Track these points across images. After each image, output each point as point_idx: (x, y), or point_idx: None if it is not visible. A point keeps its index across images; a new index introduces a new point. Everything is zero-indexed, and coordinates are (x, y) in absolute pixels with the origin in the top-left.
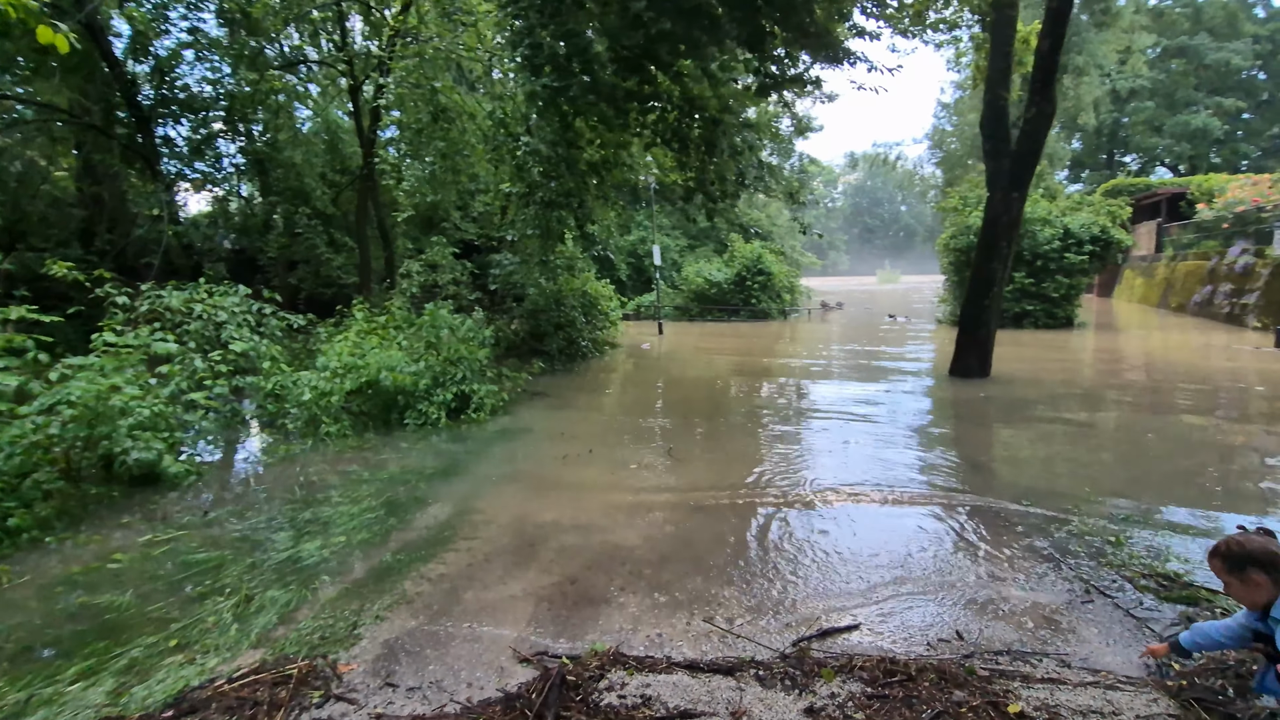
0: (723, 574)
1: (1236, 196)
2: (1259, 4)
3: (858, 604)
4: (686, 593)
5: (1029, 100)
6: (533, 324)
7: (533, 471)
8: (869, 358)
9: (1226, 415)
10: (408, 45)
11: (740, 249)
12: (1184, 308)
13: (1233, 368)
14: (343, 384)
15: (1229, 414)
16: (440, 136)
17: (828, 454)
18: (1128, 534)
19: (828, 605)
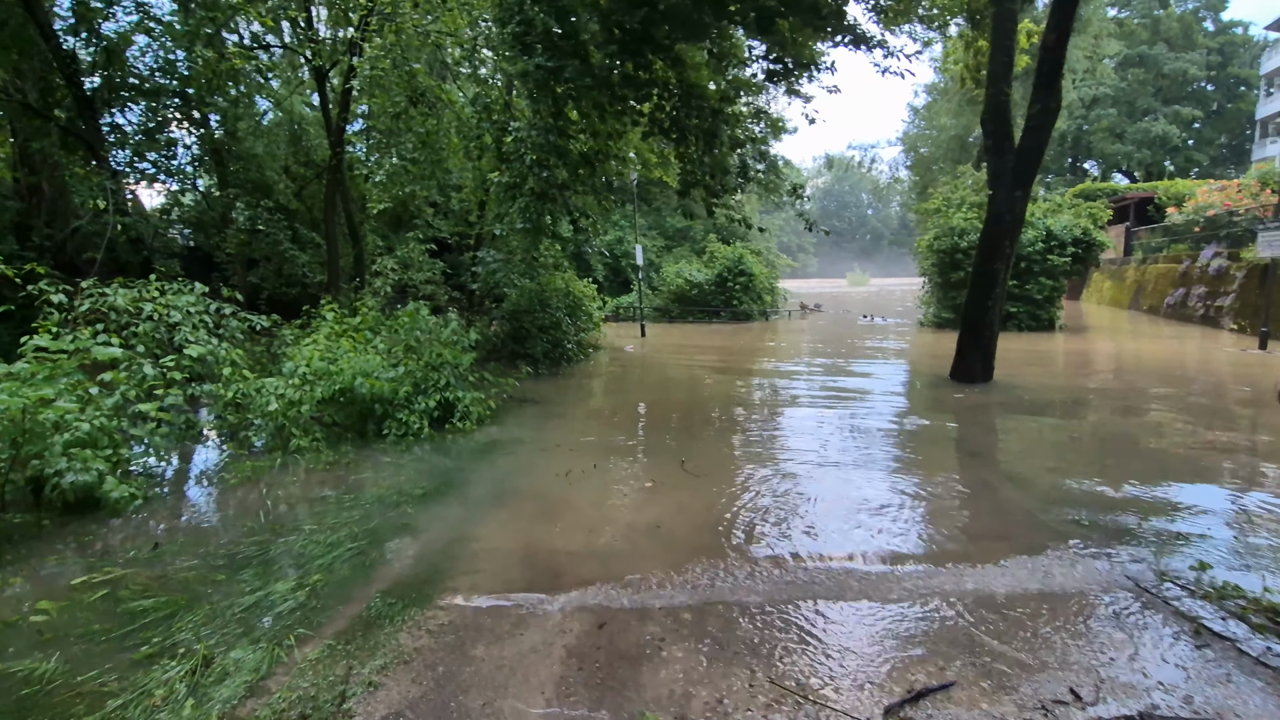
0: (775, 615)
1: (1206, 201)
2: (1208, 18)
3: (946, 651)
4: (738, 641)
5: (1033, 96)
6: (514, 326)
7: (533, 490)
8: (863, 360)
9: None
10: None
11: (721, 250)
12: (1157, 310)
13: (1234, 370)
14: (313, 392)
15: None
16: (420, 122)
17: (865, 483)
18: (1203, 556)
19: (908, 655)
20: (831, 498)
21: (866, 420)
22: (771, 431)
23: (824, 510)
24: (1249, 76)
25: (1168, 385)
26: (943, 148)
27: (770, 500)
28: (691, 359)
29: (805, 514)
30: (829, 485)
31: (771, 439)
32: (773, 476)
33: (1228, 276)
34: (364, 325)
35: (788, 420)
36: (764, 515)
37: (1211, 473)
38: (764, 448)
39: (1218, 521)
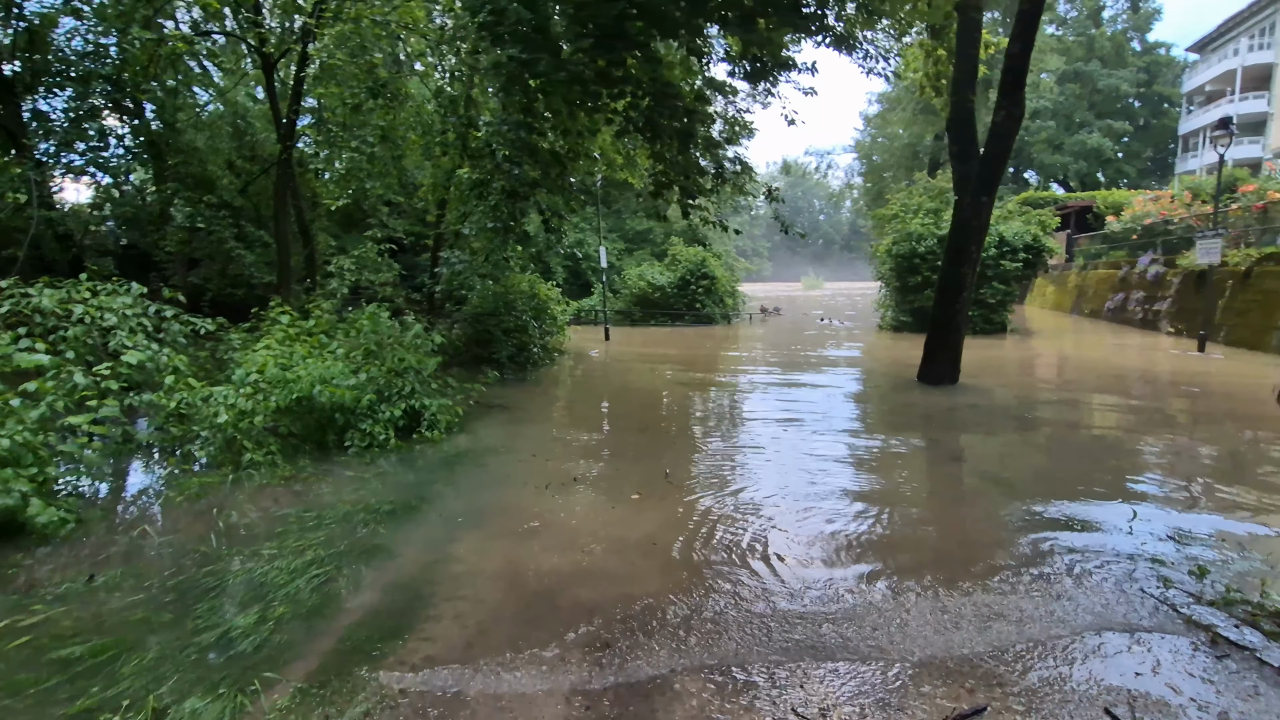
0: (784, 636)
1: (1142, 210)
2: (1135, 39)
3: (970, 670)
4: (754, 667)
5: (998, 104)
6: (476, 329)
7: (513, 504)
8: (830, 364)
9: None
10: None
11: (684, 253)
12: (1097, 314)
13: (1181, 372)
14: (268, 401)
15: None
16: (380, 115)
17: (856, 494)
18: (1199, 556)
19: (932, 672)
20: (825, 514)
21: (846, 425)
22: (751, 440)
23: (821, 529)
24: (1172, 94)
25: (1126, 387)
26: (896, 155)
27: (764, 514)
28: (659, 363)
29: (803, 533)
30: (821, 500)
31: (752, 447)
32: (760, 487)
33: (1165, 282)
34: (319, 329)
35: (766, 428)
36: (758, 529)
37: (1188, 471)
38: (746, 456)
39: (1202, 523)
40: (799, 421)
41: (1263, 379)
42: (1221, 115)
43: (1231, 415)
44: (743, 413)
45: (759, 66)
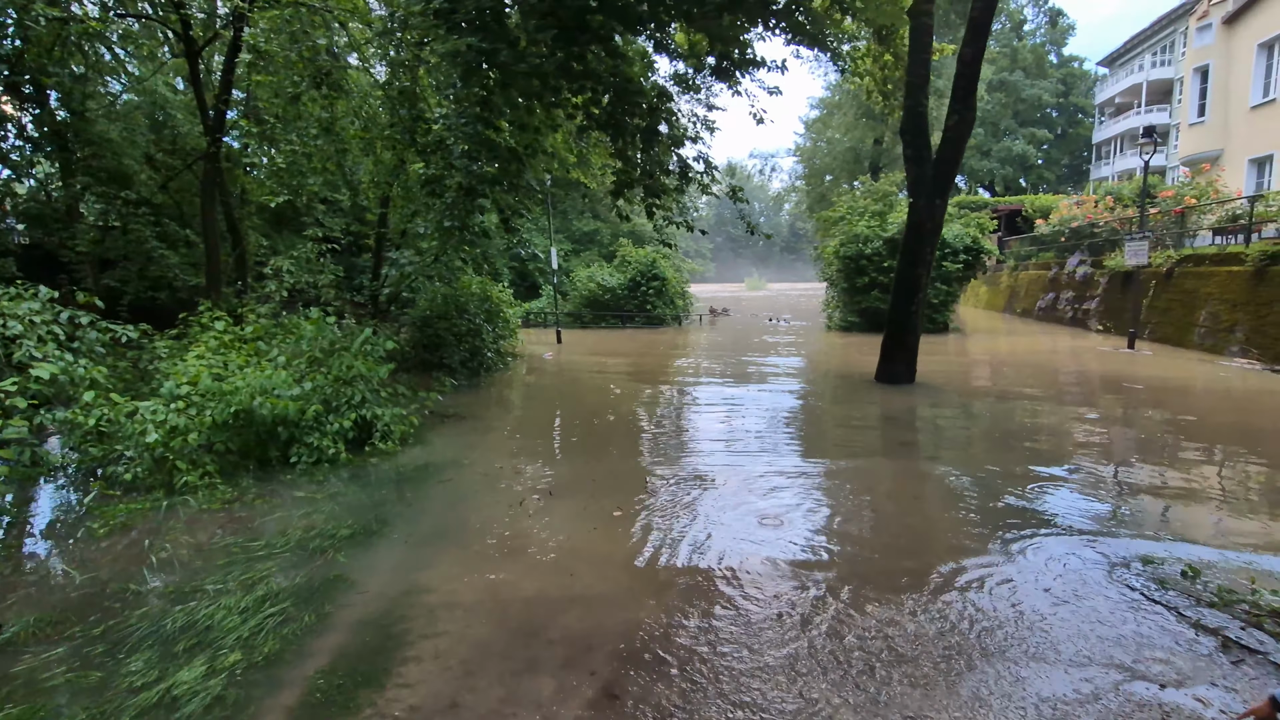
0: (807, 664)
1: (1069, 214)
2: (1052, 52)
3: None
4: (782, 710)
5: (950, 108)
6: (425, 333)
7: (485, 524)
8: (787, 365)
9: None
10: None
11: (634, 253)
12: (1029, 312)
13: (1117, 369)
14: (202, 416)
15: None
16: (323, 105)
17: (844, 497)
18: (1188, 557)
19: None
20: (817, 521)
21: (816, 428)
22: (726, 445)
23: (814, 536)
24: (1086, 105)
25: (1073, 384)
26: (838, 159)
27: (751, 523)
28: (614, 367)
29: (797, 543)
30: (805, 505)
31: (727, 454)
32: (743, 496)
33: (1093, 282)
34: (257, 335)
35: (738, 432)
36: (745, 540)
37: (1163, 463)
38: (723, 463)
39: (1185, 515)
40: (771, 426)
41: (1192, 375)
42: (1129, 126)
43: (1180, 410)
44: (711, 417)
45: (725, 65)
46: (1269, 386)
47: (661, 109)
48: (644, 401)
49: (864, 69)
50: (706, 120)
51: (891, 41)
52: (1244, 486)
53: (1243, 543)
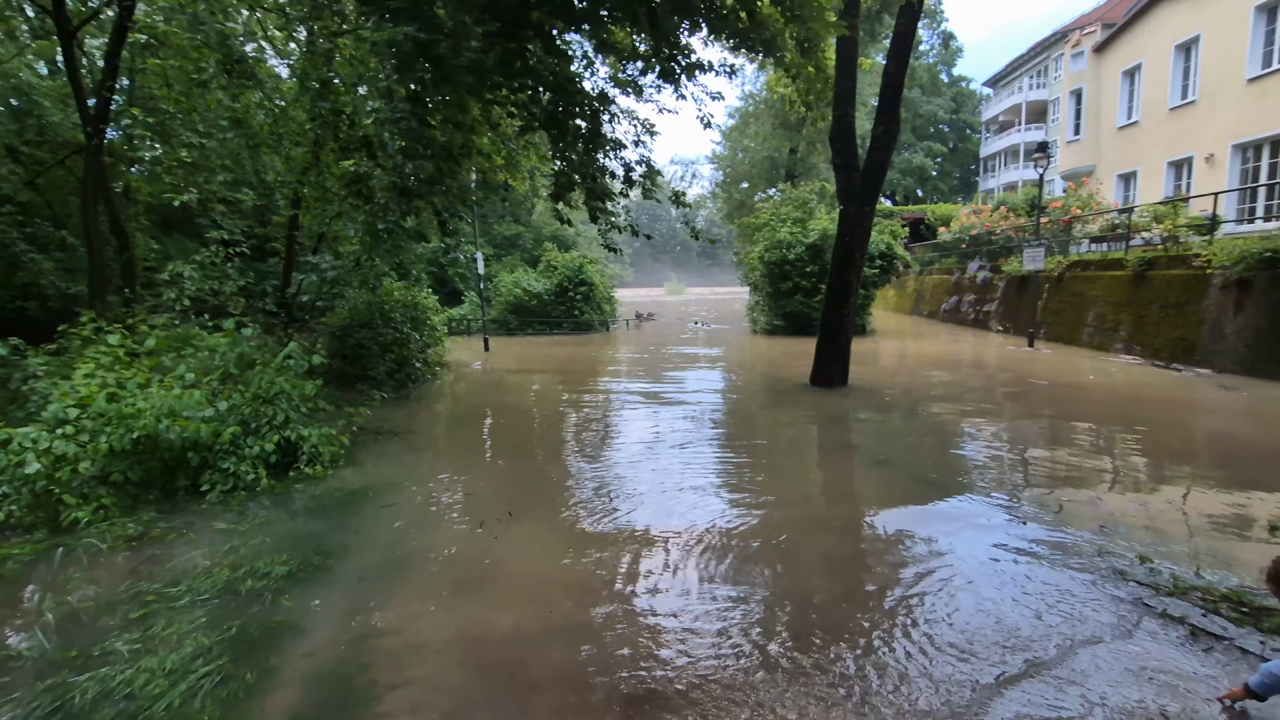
0: (837, 685)
1: (967, 223)
2: (944, 71)
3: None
4: None
5: (877, 119)
6: (345, 343)
7: (442, 553)
8: (719, 369)
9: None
10: None
11: (560, 259)
12: (935, 314)
13: (1024, 367)
14: (97, 443)
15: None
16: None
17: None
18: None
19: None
20: (805, 539)
21: (760, 436)
22: (680, 453)
23: (809, 552)
24: (974, 122)
25: (989, 381)
26: (756, 167)
27: (724, 539)
28: (548, 376)
29: (792, 567)
30: (781, 521)
31: (682, 460)
32: (713, 507)
33: (992, 286)
34: (159, 348)
35: (687, 439)
36: (722, 555)
37: (1082, 456)
38: (682, 471)
39: (1125, 502)
40: (716, 430)
41: (1089, 370)
42: (1011, 142)
43: (1093, 405)
44: (656, 424)
45: (669, 68)
46: (1153, 380)
47: (603, 110)
48: (588, 412)
49: (784, 82)
50: (647, 124)
51: (813, 54)
52: (1159, 470)
53: (1173, 525)
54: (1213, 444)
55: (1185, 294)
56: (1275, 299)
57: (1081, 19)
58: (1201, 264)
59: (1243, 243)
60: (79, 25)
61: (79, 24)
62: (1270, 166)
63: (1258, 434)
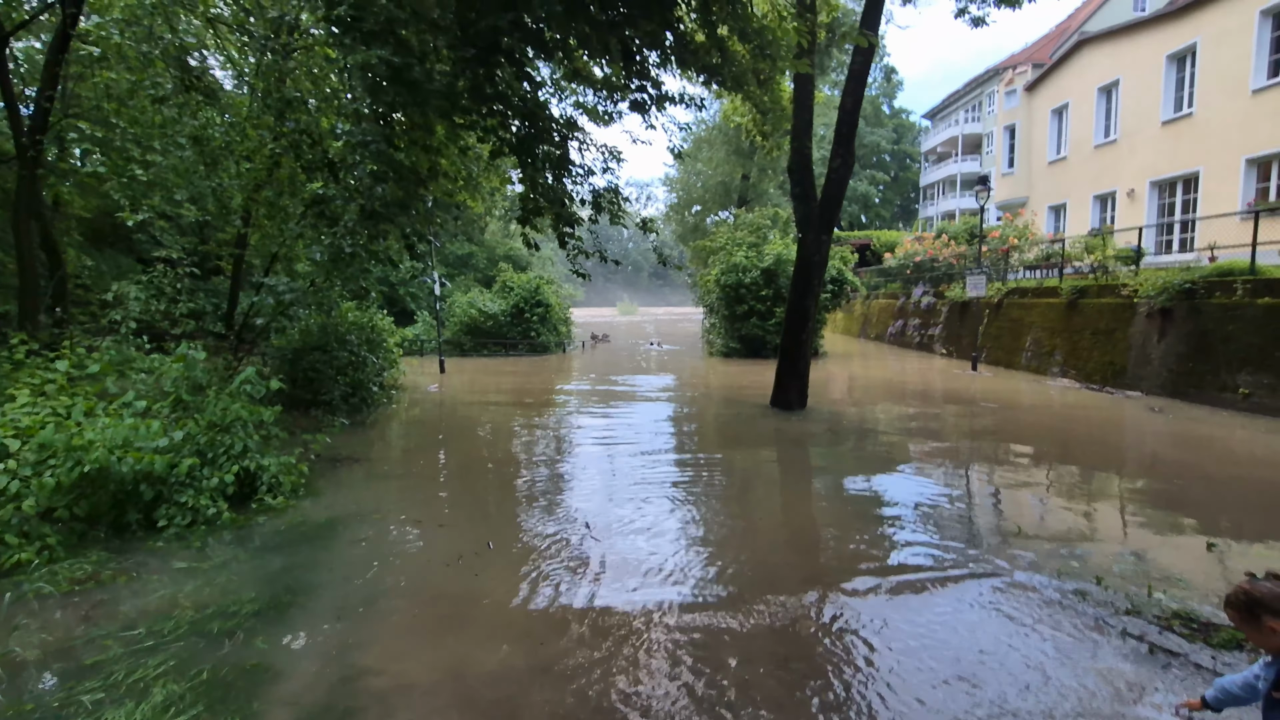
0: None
1: (911, 250)
2: (885, 103)
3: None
4: None
5: (834, 151)
6: (297, 366)
7: (420, 587)
8: (679, 392)
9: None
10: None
11: (517, 279)
12: (881, 337)
13: (972, 389)
14: (41, 478)
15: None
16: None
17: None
18: (1095, 562)
19: None
20: (772, 551)
21: (728, 458)
22: (652, 479)
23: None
24: (913, 152)
25: (939, 402)
26: (710, 191)
27: (699, 559)
28: (506, 399)
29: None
30: (766, 542)
31: (656, 485)
32: (690, 535)
33: (936, 311)
34: (103, 372)
35: (656, 464)
36: (707, 579)
37: (1032, 476)
38: (657, 498)
39: (1078, 522)
40: (684, 455)
41: (1029, 392)
42: (949, 173)
43: (1037, 425)
44: (625, 450)
45: (639, 99)
46: (1087, 402)
47: (571, 137)
48: (551, 437)
49: (741, 112)
50: (615, 151)
51: (768, 87)
52: (1101, 490)
53: (1120, 544)
54: (1148, 464)
55: (1114, 321)
56: (1194, 327)
57: (1012, 58)
58: (1129, 294)
59: (1165, 274)
60: (13, 30)
61: (13, 29)
62: (1184, 202)
63: (1187, 455)
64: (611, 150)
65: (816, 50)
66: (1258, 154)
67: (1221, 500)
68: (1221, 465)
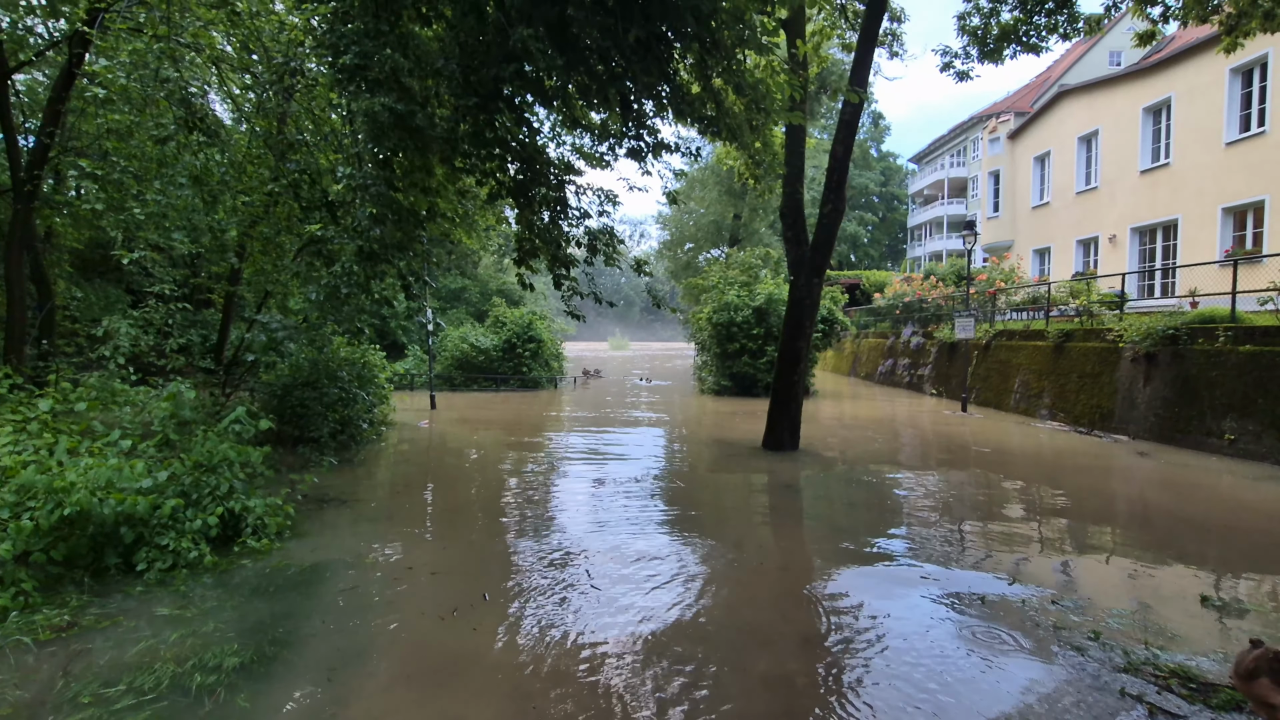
0: None
1: (900, 290)
2: (873, 147)
3: None
4: None
5: (824, 197)
6: (285, 402)
7: (414, 641)
8: (671, 431)
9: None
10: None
11: (510, 314)
12: (871, 376)
13: (962, 431)
14: (19, 521)
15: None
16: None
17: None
18: (1088, 614)
19: None
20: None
21: (720, 503)
22: (643, 523)
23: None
24: (901, 194)
25: (931, 445)
26: (702, 230)
27: (704, 600)
28: (498, 437)
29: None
30: (778, 593)
31: (662, 531)
32: (693, 589)
33: (925, 351)
34: (93, 410)
35: (651, 506)
36: (715, 622)
37: (1027, 525)
38: (648, 548)
39: (1059, 573)
40: (677, 501)
41: (1019, 436)
42: (936, 215)
43: (1024, 470)
44: (618, 493)
45: (637, 146)
46: (1077, 446)
47: (568, 180)
48: (543, 479)
49: (734, 156)
50: (610, 194)
51: (760, 133)
52: (1094, 540)
53: (1115, 597)
54: (1139, 512)
55: (1100, 365)
56: (1179, 373)
57: (994, 107)
58: (1114, 338)
59: (1148, 319)
60: (17, 67)
61: (17, 66)
62: (1164, 248)
63: (1177, 501)
64: (607, 194)
65: (808, 98)
66: (1233, 203)
67: (1213, 549)
68: (1211, 512)
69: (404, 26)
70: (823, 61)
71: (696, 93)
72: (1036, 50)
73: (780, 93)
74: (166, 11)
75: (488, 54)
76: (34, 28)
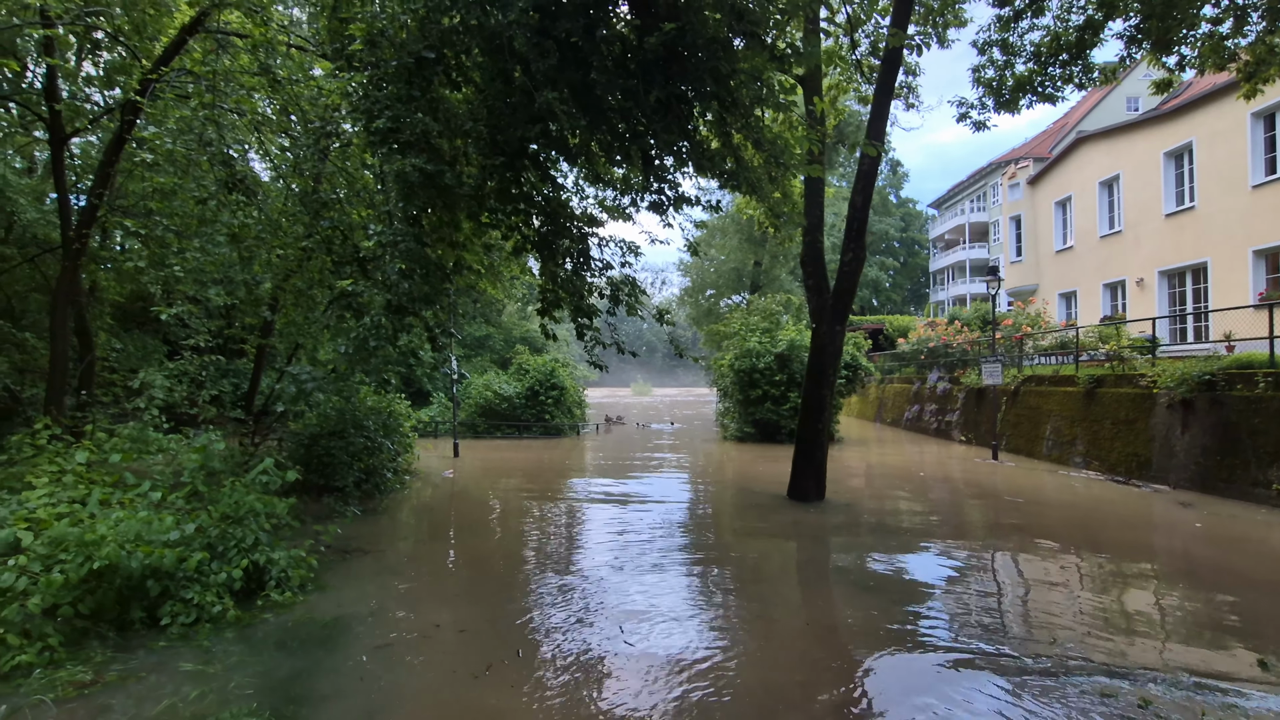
0: None
1: (925, 335)
2: (892, 193)
3: None
4: None
5: (845, 246)
6: (312, 451)
7: (443, 702)
8: (695, 480)
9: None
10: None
11: (532, 362)
12: (897, 423)
13: (990, 480)
14: (50, 574)
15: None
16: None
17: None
18: (1139, 686)
19: None
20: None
21: (746, 556)
22: (669, 573)
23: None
24: (922, 239)
25: (961, 496)
26: (723, 277)
27: (737, 662)
28: (522, 486)
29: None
30: (807, 654)
31: (687, 576)
32: (731, 635)
33: (952, 397)
34: (127, 461)
35: (680, 556)
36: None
37: (1065, 584)
38: (680, 599)
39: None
40: (704, 551)
41: (1055, 486)
42: (957, 259)
43: (1062, 523)
44: (643, 543)
45: (658, 200)
46: (1116, 496)
47: (590, 234)
48: (568, 529)
49: (753, 204)
50: (632, 246)
51: (780, 182)
52: (1141, 597)
53: (1166, 659)
54: (1186, 568)
55: (1134, 411)
56: (1218, 419)
57: (1013, 153)
58: (1148, 384)
59: (1183, 365)
60: (73, 133)
61: (73, 132)
62: (1194, 291)
63: (1226, 557)
64: (629, 245)
65: (826, 150)
66: (1264, 245)
67: (1267, 608)
68: (1263, 568)
69: (435, 91)
70: (840, 114)
71: (716, 148)
72: (1052, 100)
73: (799, 147)
74: (213, 81)
75: (514, 116)
76: (90, 95)
